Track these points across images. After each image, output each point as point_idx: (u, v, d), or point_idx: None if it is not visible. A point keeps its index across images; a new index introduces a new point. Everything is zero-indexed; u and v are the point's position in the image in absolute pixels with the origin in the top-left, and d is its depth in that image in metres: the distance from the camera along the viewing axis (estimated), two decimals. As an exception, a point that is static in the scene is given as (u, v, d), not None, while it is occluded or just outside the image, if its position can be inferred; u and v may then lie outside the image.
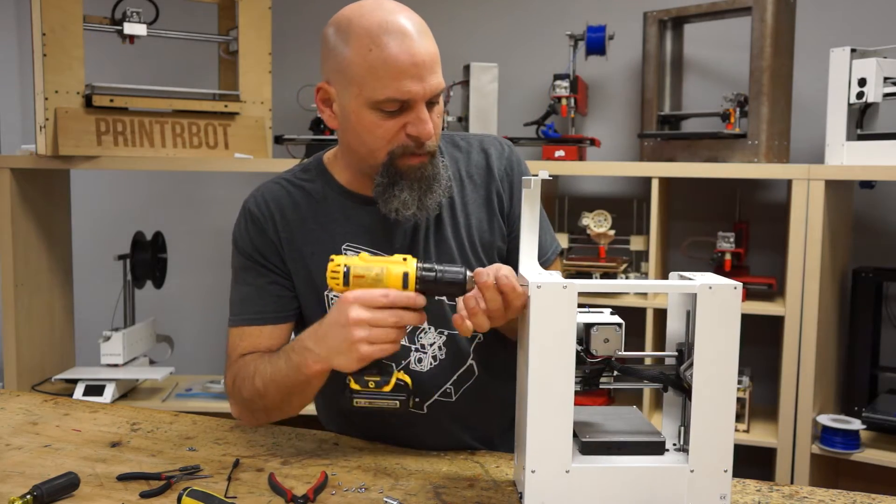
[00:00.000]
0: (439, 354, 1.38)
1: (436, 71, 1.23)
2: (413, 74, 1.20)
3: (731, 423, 1.09)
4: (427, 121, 1.23)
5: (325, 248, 1.34)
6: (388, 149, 1.25)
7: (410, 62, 1.19)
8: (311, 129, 2.78)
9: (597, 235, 2.56)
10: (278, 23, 2.83)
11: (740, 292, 1.08)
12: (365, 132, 1.25)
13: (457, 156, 1.41)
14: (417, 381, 1.36)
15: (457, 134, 1.46)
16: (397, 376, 1.17)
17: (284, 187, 1.39)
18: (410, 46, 1.20)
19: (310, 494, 1.14)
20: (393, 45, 1.19)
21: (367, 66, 1.21)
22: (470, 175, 1.40)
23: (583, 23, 2.68)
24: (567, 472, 1.08)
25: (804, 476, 2.26)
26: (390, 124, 1.24)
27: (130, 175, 3.27)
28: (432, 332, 1.37)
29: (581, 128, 2.88)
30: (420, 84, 1.21)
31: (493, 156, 1.41)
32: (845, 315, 2.52)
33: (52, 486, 1.13)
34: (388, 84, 1.20)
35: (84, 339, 3.03)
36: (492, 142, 1.44)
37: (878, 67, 2.21)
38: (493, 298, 1.10)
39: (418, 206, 1.28)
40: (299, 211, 1.37)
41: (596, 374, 1.14)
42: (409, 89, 1.20)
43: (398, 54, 1.19)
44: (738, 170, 2.35)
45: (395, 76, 1.20)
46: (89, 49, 2.51)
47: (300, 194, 1.38)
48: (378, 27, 1.20)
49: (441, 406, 1.38)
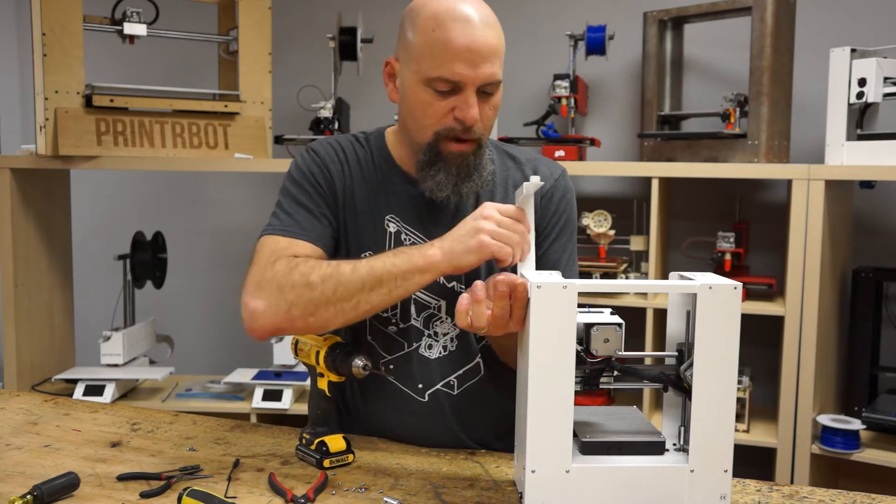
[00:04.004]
0: (450, 346, 1.40)
1: (492, 61, 1.26)
2: (466, 59, 1.24)
3: (731, 423, 1.09)
4: (473, 105, 1.27)
5: (371, 213, 1.38)
6: (434, 128, 1.29)
7: (466, 46, 1.24)
8: (311, 129, 2.78)
9: (597, 235, 2.56)
10: (278, 23, 2.83)
11: (740, 292, 1.08)
12: (417, 108, 1.30)
13: (508, 164, 1.45)
14: (424, 366, 1.39)
15: (517, 148, 1.50)
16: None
17: (352, 144, 1.44)
18: (470, 33, 1.24)
19: (310, 494, 1.14)
20: (454, 29, 1.24)
21: (427, 45, 1.26)
22: (515, 186, 1.42)
23: (583, 23, 2.68)
24: (567, 472, 1.08)
25: (804, 476, 2.26)
26: (440, 105, 1.28)
27: (130, 175, 3.27)
28: (448, 323, 1.39)
29: (581, 128, 2.88)
30: (472, 69, 1.24)
31: (543, 175, 1.40)
32: (845, 315, 2.52)
33: (52, 486, 1.13)
34: (442, 63, 1.25)
35: (84, 339, 3.03)
36: (545, 163, 1.48)
37: (878, 67, 2.21)
38: (502, 306, 1.11)
39: (453, 190, 1.31)
40: (361, 169, 1.41)
41: (596, 374, 1.14)
42: (460, 72, 1.24)
43: (456, 37, 1.24)
44: (738, 170, 2.35)
45: (450, 57, 1.24)
46: (89, 49, 2.51)
47: (362, 156, 1.42)
48: (445, 12, 1.26)
49: (442, 397, 1.40)
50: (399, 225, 1.38)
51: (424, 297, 1.38)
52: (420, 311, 1.39)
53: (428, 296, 1.38)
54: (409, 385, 1.40)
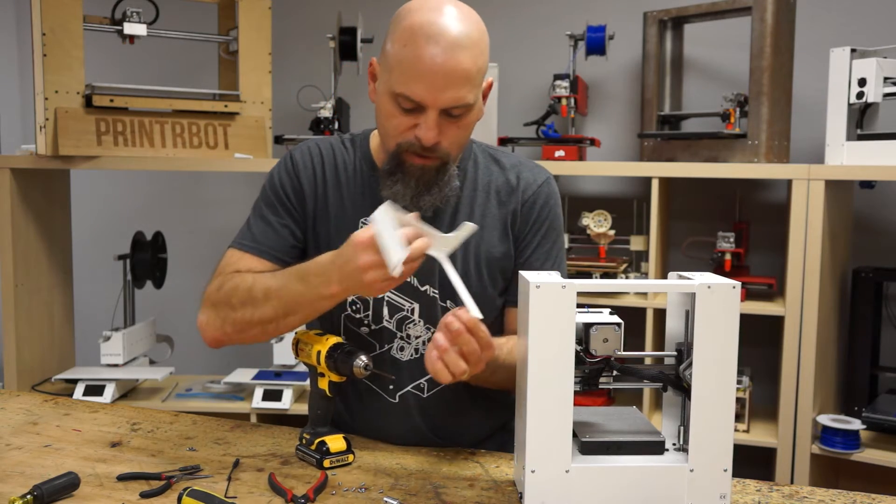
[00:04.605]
0: (422, 349, 1.40)
1: (458, 85, 1.22)
2: (430, 81, 1.21)
3: (730, 423, 1.09)
4: (431, 128, 1.24)
5: (346, 216, 1.39)
6: (397, 140, 1.29)
7: (429, 69, 1.21)
8: (311, 129, 2.78)
9: (597, 235, 2.56)
10: (278, 23, 2.83)
11: (739, 291, 1.08)
12: (383, 117, 1.30)
13: (493, 170, 1.44)
14: (395, 367, 1.41)
15: (505, 152, 1.48)
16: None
17: (333, 147, 1.44)
18: (437, 55, 1.20)
19: (310, 494, 1.14)
20: (423, 48, 1.21)
21: (397, 59, 1.24)
22: (498, 192, 1.42)
23: (583, 23, 2.68)
24: (567, 471, 1.08)
25: (804, 476, 2.26)
26: (403, 119, 1.26)
27: (130, 175, 3.27)
28: (420, 326, 1.39)
29: (581, 128, 2.88)
30: (434, 92, 1.22)
31: (526, 181, 1.43)
32: (845, 315, 2.52)
33: (52, 486, 1.13)
34: (406, 82, 1.23)
35: (84, 339, 3.03)
36: (531, 169, 1.45)
37: (878, 67, 2.21)
38: (466, 341, 1.13)
39: (411, 202, 1.30)
40: (337, 173, 1.41)
41: (595, 373, 1.14)
42: (421, 93, 1.22)
43: (421, 57, 1.21)
44: (738, 170, 2.35)
45: (414, 77, 1.22)
46: (89, 49, 2.51)
47: (343, 159, 1.42)
48: (420, 27, 1.22)
49: (412, 398, 1.41)
50: None
51: (397, 299, 1.39)
52: (393, 314, 1.39)
53: (401, 298, 1.39)
54: (381, 385, 1.42)
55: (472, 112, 1.28)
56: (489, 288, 1.40)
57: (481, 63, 1.25)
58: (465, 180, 1.41)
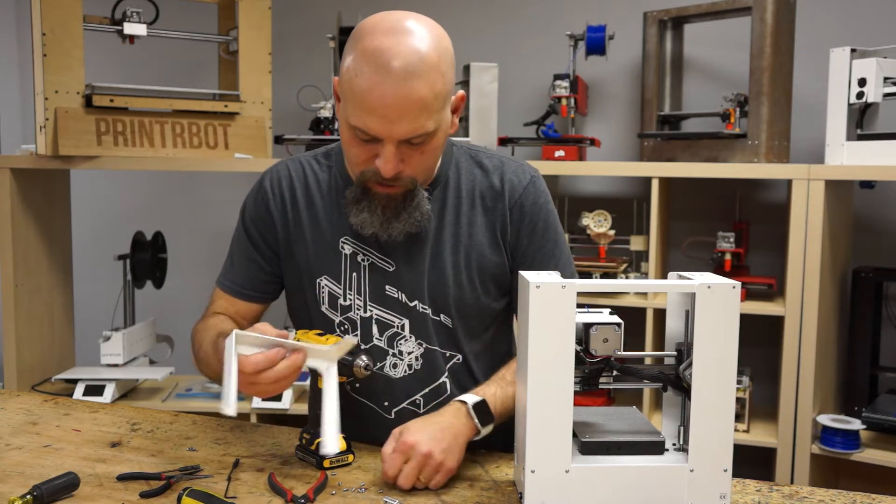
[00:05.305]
0: (415, 364, 1.39)
1: (413, 116, 1.17)
2: (381, 115, 1.16)
3: (730, 423, 1.09)
4: (389, 161, 1.20)
5: (324, 237, 1.37)
6: (360, 168, 1.26)
7: (379, 103, 1.15)
8: (311, 129, 2.78)
9: (597, 235, 2.56)
10: (278, 23, 2.83)
11: (739, 291, 1.08)
12: (345, 144, 1.28)
13: (476, 174, 1.39)
14: (389, 385, 1.39)
15: (487, 153, 1.42)
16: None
17: (304, 168, 1.41)
18: (387, 88, 1.14)
19: (310, 494, 1.14)
20: (371, 80, 1.15)
21: (349, 89, 1.19)
22: (483, 197, 1.38)
23: (583, 23, 2.68)
24: (567, 472, 1.08)
25: (804, 476, 2.26)
26: (362, 149, 1.23)
27: (130, 175, 3.27)
28: (412, 341, 1.38)
29: (581, 128, 2.88)
30: (387, 126, 1.17)
31: (511, 184, 1.37)
32: (845, 315, 2.52)
33: (52, 486, 1.13)
34: (358, 114, 1.19)
35: (84, 339, 3.03)
36: (516, 170, 1.39)
37: (878, 67, 2.21)
38: (408, 474, 1.17)
39: (380, 229, 1.29)
40: (310, 195, 1.39)
41: (595, 373, 1.14)
42: (374, 127, 1.18)
43: (371, 91, 1.15)
44: (738, 170, 2.35)
45: (364, 110, 1.17)
46: (89, 49, 2.51)
47: (315, 178, 1.40)
48: (371, 54, 1.15)
49: (408, 415, 1.38)
50: (355, 246, 1.36)
51: (387, 316, 1.37)
52: (383, 331, 1.38)
53: (391, 314, 1.37)
54: (375, 402, 1.41)
55: (436, 136, 1.23)
56: (482, 296, 1.38)
57: (440, 87, 1.19)
58: (448, 188, 1.37)
